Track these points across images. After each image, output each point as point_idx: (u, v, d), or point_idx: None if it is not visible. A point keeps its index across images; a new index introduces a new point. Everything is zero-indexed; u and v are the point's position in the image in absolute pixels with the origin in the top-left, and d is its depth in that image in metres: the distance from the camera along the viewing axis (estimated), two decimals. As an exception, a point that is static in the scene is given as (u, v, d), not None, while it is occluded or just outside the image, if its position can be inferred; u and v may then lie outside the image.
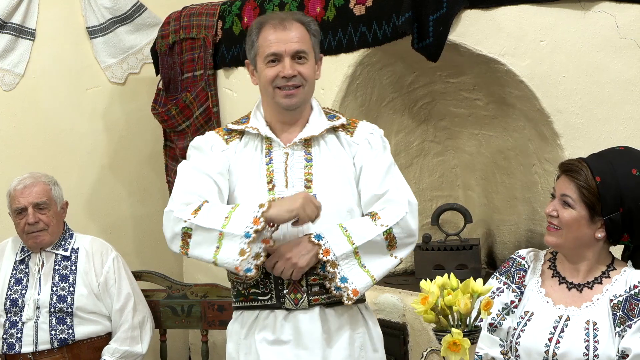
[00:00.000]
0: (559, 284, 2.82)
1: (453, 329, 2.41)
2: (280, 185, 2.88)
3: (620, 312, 2.69)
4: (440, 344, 2.43)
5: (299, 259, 2.79)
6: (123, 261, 4.08)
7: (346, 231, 2.81)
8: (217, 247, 2.77)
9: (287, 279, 2.84)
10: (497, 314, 2.84)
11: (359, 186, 2.93)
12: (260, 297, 2.90)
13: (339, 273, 2.80)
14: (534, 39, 3.41)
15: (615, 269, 2.78)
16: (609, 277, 2.77)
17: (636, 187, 2.71)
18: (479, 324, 2.52)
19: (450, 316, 2.46)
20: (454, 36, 3.43)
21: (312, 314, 2.87)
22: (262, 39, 2.89)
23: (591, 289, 2.77)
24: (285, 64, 2.85)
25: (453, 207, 3.98)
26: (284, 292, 2.86)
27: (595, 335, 2.69)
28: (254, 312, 2.92)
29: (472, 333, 2.45)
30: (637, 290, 2.70)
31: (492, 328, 2.84)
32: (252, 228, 2.71)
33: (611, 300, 2.72)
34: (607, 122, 3.43)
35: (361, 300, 2.96)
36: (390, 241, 2.83)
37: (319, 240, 2.79)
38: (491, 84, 3.64)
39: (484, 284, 2.51)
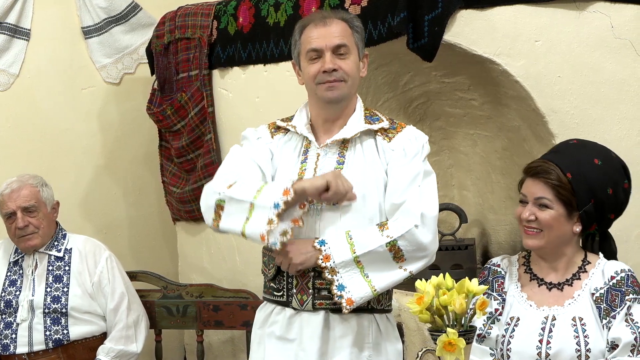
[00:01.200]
0: (539, 286, 2.85)
1: (448, 329, 2.41)
2: None
3: (604, 304, 2.75)
4: (435, 343, 2.44)
5: (295, 255, 2.80)
6: (116, 260, 4.08)
7: (350, 239, 2.80)
8: (247, 218, 2.78)
9: (292, 275, 2.85)
10: (483, 324, 2.85)
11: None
12: (275, 293, 2.93)
13: (337, 280, 2.79)
14: (528, 39, 3.41)
15: (590, 262, 2.84)
16: (586, 272, 2.82)
17: (602, 176, 2.79)
18: (474, 324, 2.52)
19: (445, 316, 2.46)
20: (449, 36, 3.43)
21: (317, 317, 2.86)
22: (304, 37, 2.91)
23: (571, 285, 2.82)
24: (326, 58, 2.86)
25: (448, 207, 3.98)
26: (292, 291, 2.88)
27: (584, 331, 2.73)
28: (272, 306, 2.96)
29: (467, 333, 2.46)
30: (615, 281, 2.76)
31: (481, 339, 2.84)
32: (281, 199, 2.72)
33: (593, 294, 2.77)
34: (602, 122, 3.43)
35: (382, 310, 2.93)
36: (395, 253, 2.79)
37: (321, 246, 2.80)
38: (486, 84, 3.65)
39: (479, 284, 2.51)
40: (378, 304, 2.91)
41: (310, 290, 2.85)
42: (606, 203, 2.80)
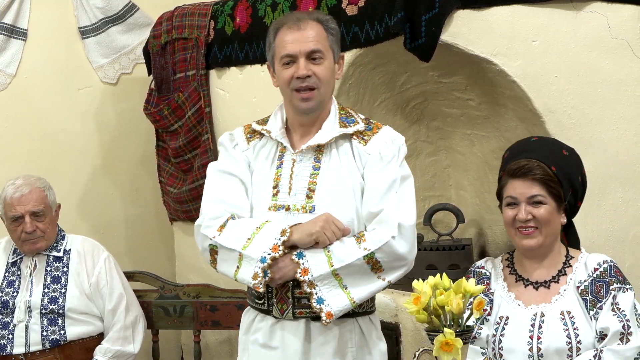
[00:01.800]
0: (525, 286, 2.87)
1: (445, 329, 2.41)
2: (283, 192, 2.87)
3: (590, 296, 2.79)
4: (432, 343, 2.44)
5: (273, 270, 2.77)
6: (114, 261, 4.07)
7: (328, 252, 2.77)
8: (237, 267, 2.80)
9: (274, 288, 2.84)
10: (473, 325, 2.85)
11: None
12: (257, 300, 2.92)
13: (316, 294, 2.77)
14: (526, 39, 3.41)
15: (573, 257, 2.89)
16: (570, 266, 2.87)
17: (573, 166, 2.89)
18: (471, 324, 2.52)
19: (442, 316, 2.46)
20: (446, 36, 3.43)
21: (298, 326, 2.85)
22: (278, 41, 2.87)
23: (557, 282, 2.86)
24: (300, 64, 2.82)
25: (445, 207, 3.98)
26: (272, 300, 2.86)
27: (573, 323, 2.77)
28: (255, 312, 2.95)
29: (465, 333, 2.46)
30: (598, 272, 2.81)
31: (472, 339, 2.84)
32: (269, 254, 2.74)
33: (578, 287, 2.81)
34: (599, 122, 3.43)
35: (363, 312, 2.92)
36: (373, 265, 2.78)
37: (299, 259, 2.77)
38: (483, 84, 3.65)
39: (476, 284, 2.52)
40: (360, 308, 2.89)
41: (290, 300, 2.84)
42: (579, 191, 2.89)
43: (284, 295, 2.84)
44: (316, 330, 2.85)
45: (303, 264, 2.76)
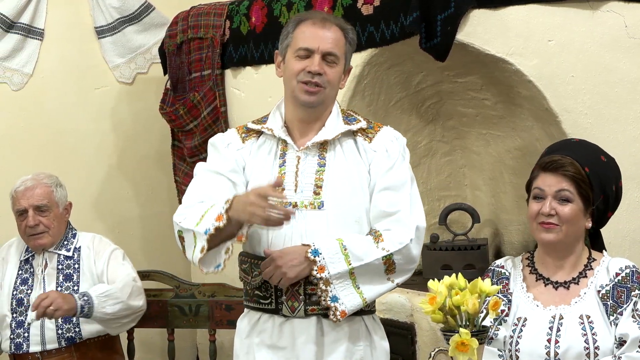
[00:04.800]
0: (545, 285, 2.84)
1: (461, 329, 2.41)
2: (289, 189, 2.84)
3: (610, 301, 2.74)
4: (448, 344, 2.43)
5: (288, 269, 2.75)
6: (123, 255, 4.03)
7: (345, 249, 2.76)
8: (194, 247, 2.76)
9: (280, 287, 2.81)
10: (490, 326, 2.84)
11: (371, 197, 2.87)
12: (261, 300, 2.88)
13: (330, 292, 2.76)
14: (542, 38, 3.40)
15: (595, 260, 2.84)
16: (592, 269, 2.82)
17: (609, 173, 2.83)
18: (486, 324, 2.52)
19: (458, 316, 2.46)
20: (462, 36, 3.43)
21: (309, 323, 2.83)
22: (298, 31, 2.86)
23: (577, 284, 2.81)
24: (315, 60, 2.81)
25: (461, 207, 3.97)
26: (282, 298, 2.83)
27: (592, 328, 2.73)
28: (257, 314, 2.91)
29: (480, 333, 2.45)
30: (620, 277, 2.76)
31: (488, 340, 2.83)
32: (212, 225, 2.68)
33: (599, 291, 2.77)
34: (615, 122, 3.42)
35: (368, 311, 2.92)
36: (388, 266, 2.78)
37: (315, 257, 2.75)
38: (499, 84, 3.64)
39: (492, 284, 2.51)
40: (366, 306, 2.88)
41: (302, 297, 2.81)
42: (610, 200, 2.83)
43: (295, 293, 2.82)
44: (329, 327, 2.84)
45: (319, 261, 2.75)
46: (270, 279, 2.79)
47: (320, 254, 2.75)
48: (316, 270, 2.75)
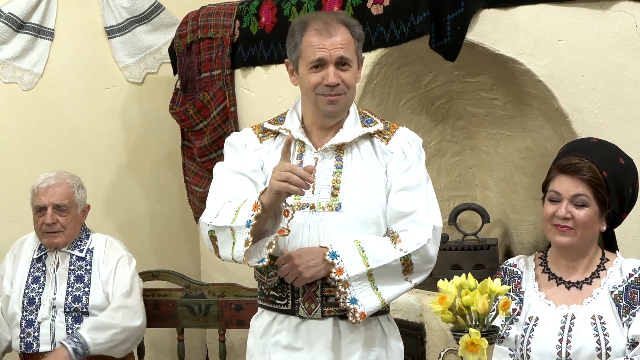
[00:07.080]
0: (557, 285, 2.83)
1: (471, 329, 2.40)
2: (307, 191, 2.85)
3: (623, 302, 2.73)
4: (457, 344, 2.43)
5: (305, 269, 2.75)
6: (129, 263, 4.01)
7: (363, 251, 2.76)
8: (233, 244, 2.75)
9: (295, 285, 2.81)
10: (501, 325, 2.83)
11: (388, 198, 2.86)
12: (277, 301, 2.88)
13: (349, 293, 2.75)
14: (552, 38, 3.40)
15: (608, 260, 2.82)
16: (605, 269, 2.80)
17: (626, 176, 2.79)
18: (496, 324, 2.51)
19: (467, 316, 2.46)
20: (472, 35, 3.42)
21: (326, 325, 2.83)
22: (305, 43, 2.83)
23: (590, 284, 2.80)
24: (330, 71, 2.79)
25: (471, 207, 3.97)
26: (299, 300, 2.83)
27: (604, 329, 2.71)
28: (272, 314, 2.90)
29: (490, 333, 2.45)
30: (633, 278, 2.75)
31: (500, 339, 2.82)
32: (252, 214, 2.66)
33: (611, 292, 2.76)
34: (626, 122, 3.41)
35: (383, 312, 2.91)
36: (406, 267, 2.78)
37: (333, 259, 2.74)
38: (509, 84, 3.64)
39: (502, 284, 2.51)
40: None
41: (319, 298, 2.81)
42: (626, 202, 2.81)
43: (312, 294, 2.81)
44: (346, 328, 2.83)
45: (337, 263, 2.74)
46: (286, 277, 2.79)
47: (339, 256, 2.75)
48: (335, 272, 2.74)
